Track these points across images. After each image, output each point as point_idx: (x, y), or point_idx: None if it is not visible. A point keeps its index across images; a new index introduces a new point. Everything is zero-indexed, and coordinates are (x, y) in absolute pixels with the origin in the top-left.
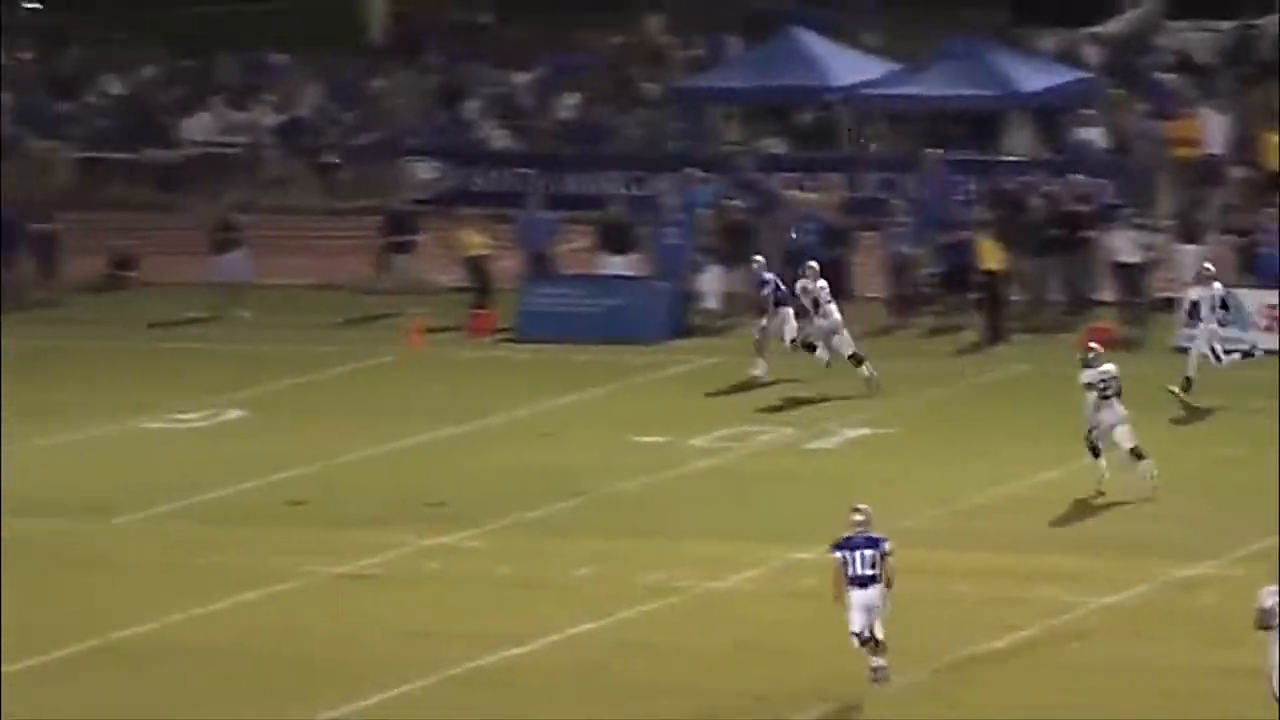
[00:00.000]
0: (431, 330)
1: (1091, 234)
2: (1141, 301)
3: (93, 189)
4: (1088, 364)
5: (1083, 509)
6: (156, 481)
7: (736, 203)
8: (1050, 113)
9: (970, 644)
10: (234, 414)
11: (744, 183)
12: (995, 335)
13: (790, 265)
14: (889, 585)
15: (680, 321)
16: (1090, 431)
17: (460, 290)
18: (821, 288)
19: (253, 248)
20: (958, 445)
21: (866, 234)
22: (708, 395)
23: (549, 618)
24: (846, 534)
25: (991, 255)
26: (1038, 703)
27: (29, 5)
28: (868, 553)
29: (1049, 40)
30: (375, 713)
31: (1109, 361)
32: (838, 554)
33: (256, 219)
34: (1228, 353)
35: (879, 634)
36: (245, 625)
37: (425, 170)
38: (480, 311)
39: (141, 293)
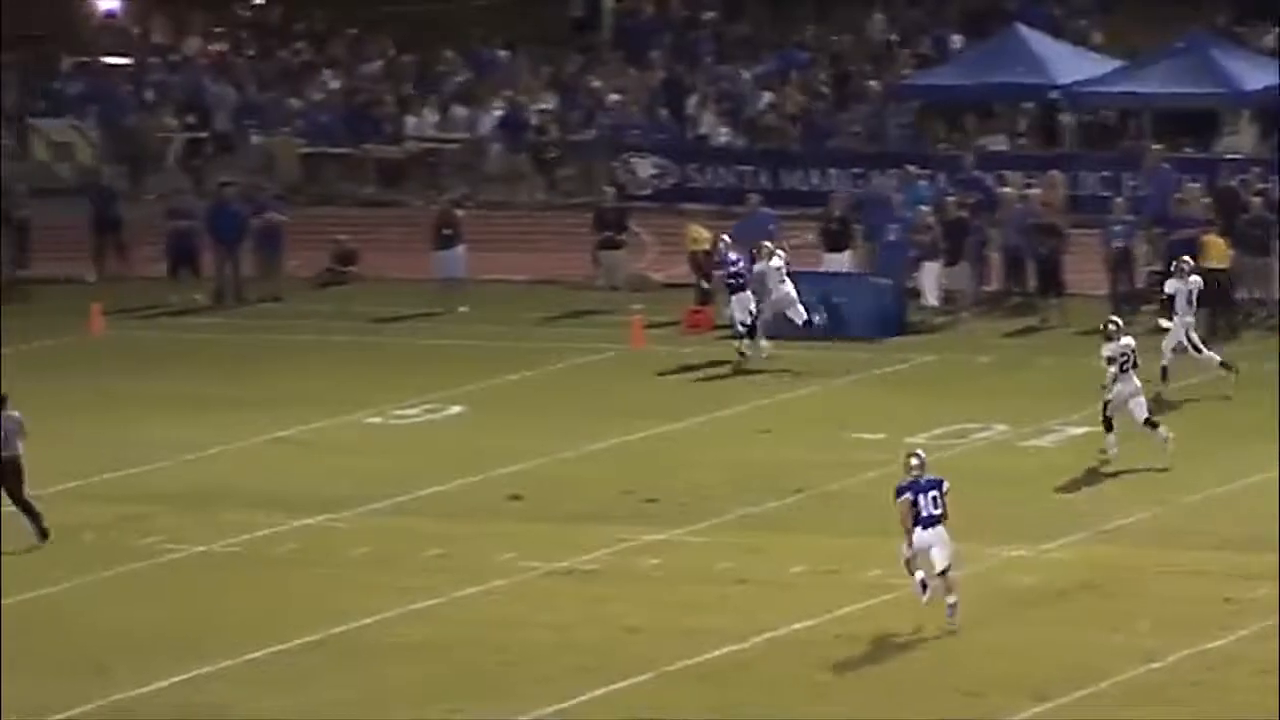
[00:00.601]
0: (650, 326)
1: None
2: None
3: (315, 184)
4: (1109, 337)
5: None
6: (376, 476)
7: (953, 199)
8: (1273, 111)
9: (1190, 643)
10: (454, 409)
11: (965, 180)
12: (1218, 333)
13: (1009, 261)
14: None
15: (900, 318)
16: (1107, 404)
17: (676, 286)
18: (777, 267)
19: (472, 244)
20: (1176, 444)
21: (1087, 231)
22: (926, 392)
23: (766, 614)
24: (907, 479)
25: (1217, 252)
26: (1259, 703)
27: (254, 0)
28: (933, 494)
29: (1271, 38)
30: (592, 709)
31: (1127, 335)
32: (907, 496)
33: (477, 215)
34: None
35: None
36: (462, 621)
37: (646, 167)
38: (700, 308)
39: (362, 288)
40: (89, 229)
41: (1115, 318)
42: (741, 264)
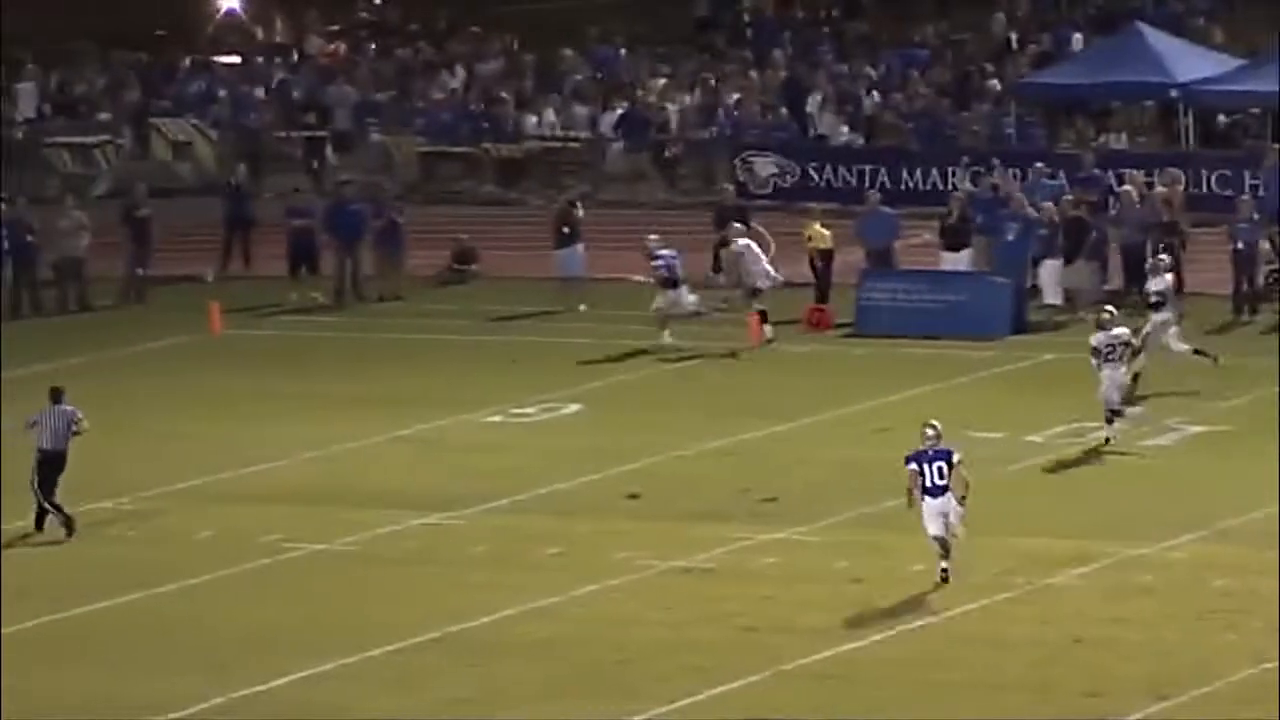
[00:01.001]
0: (769, 324)
1: None
2: None
3: (435, 183)
4: (1101, 326)
5: None
6: (495, 475)
7: (1070, 197)
8: None
9: None
10: (573, 408)
11: (1085, 179)
12: None
13: (1129, 260)
14: (963, 496)
15: (1020, 317)
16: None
17: (796, 285)
18: (746, 244)
19: (592, 242)
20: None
21: (1208, 230)
22: (1046, 391)
23: (883, 612)
24: (920, 449)
25: None
26: None
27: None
28: (939, 465)
29: None
30: (708, 708)
31: (1121, 325)
32: (912, 465)
33: (596, 213)
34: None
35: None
36: (579, 619)
37: (767, 165)
38: (820, 306)
39: (482, 286)
40: (222, 227)
41: (1109, 308)
42: (672, 261)
